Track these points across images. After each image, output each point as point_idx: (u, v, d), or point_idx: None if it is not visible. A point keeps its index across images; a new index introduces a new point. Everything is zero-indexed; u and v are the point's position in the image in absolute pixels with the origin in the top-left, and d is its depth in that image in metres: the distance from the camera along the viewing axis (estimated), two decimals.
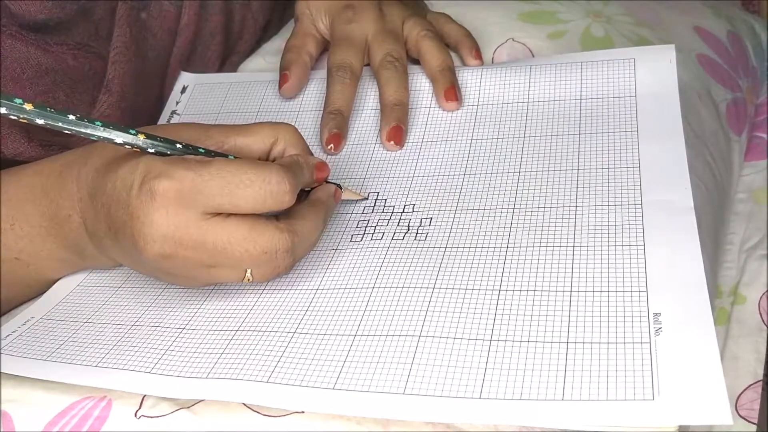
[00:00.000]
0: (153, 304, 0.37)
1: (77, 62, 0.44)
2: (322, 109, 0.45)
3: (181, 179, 0.30)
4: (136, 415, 0.32)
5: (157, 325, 0.35)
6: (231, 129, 0.35)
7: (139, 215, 0.31)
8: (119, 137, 0.31)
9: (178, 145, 0.33)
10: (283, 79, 0.47)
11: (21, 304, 0.41)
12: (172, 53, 0.52)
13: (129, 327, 0.36)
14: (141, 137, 0.32)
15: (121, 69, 0.46)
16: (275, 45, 0.55)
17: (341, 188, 0.38)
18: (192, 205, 0.31)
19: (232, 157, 0.34)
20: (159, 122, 0.50)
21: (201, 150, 0.33)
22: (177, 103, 0.50)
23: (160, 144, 0.32)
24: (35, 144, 0.43)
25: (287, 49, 0.48)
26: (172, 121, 0.50)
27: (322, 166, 0.36)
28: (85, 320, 0.37)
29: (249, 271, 0.33)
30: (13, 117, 0.29)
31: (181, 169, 0.31)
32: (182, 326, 0.35)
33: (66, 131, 0.30)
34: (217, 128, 0.35)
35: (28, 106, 0.29)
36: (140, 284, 0.39)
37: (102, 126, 0.31)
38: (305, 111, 0.47)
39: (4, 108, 0.29)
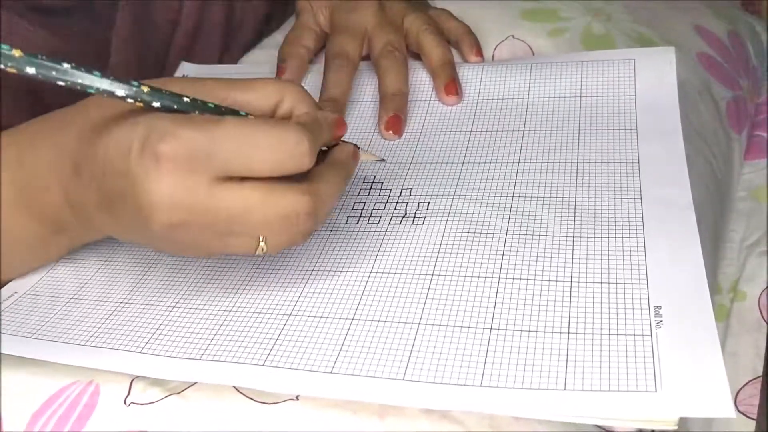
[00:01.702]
0: (141, 280, 0.36)
1: (81, 47, 0.44)
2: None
3: (189, 140, 0.27)
4: (125, 402, 0.31)
5: (146, 303, 0.35)
6: (231, 84, 0.31)
7: (143, 182, 0.28)
8: (120, 89, 0.28)
9: (186, 99, 0.29)
10: (279, 71, 0.47)
11: None
12: (173, 44, 0.52)
13: (117, 304, 0.35)
14: (145, 89, 0.28)
15: (124, 57, 0.46)
16: (276, 39, 0.55)
17: (358, 148, 0.36)
18: (202, 169, 0.28)
19: (244, 114, 0.31)
20: None
21: (210, 105, 0.30)
22: None
23: (166, 97, 0.29)
24: None
25: (285, 41, 0.48)
26: None
27: (341, 122, 0.33)
28: (70, 296, 0.36)
29: (263, 239, 0.30)
30: None
31: (189, 130, 0.28)
32: (173, 304, 0.34)
33: (60, 82, 0.27)
34: (215, 82, 0.31)
35: (16, 53, 0.26)
36: (127, 258, 0.38)
37: (101, 76, 0.28)
38: None
39: None
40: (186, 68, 0.52)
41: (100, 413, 0.31)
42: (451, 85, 0.44)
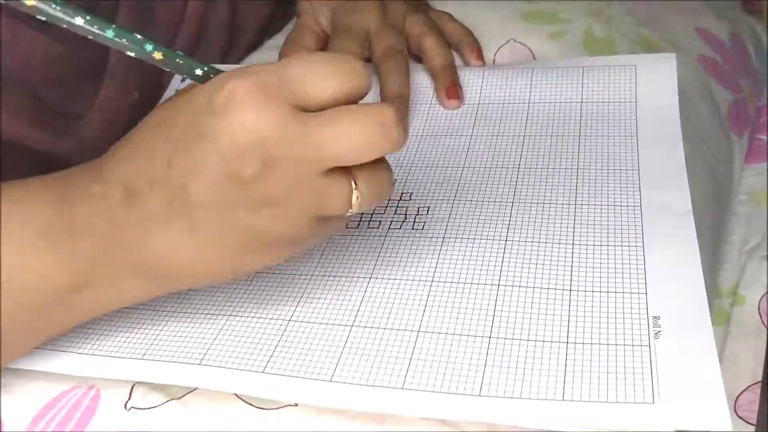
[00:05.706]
0: None
1: (81, 51, 0.43)
2: None
3: (258, 76, 0.26)
4: (125, 407, 0.31)
5: (147, 309, 0.35)
6: None
7: (216, 135, 0.25)
8: (198, 69, 0.28)
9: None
10: None
11: None
12: (175, 45, 0.52)
13: (119, 313, 0.35)
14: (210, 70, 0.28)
15: (123, 54, 0.46)
16: (278, 41, 0.54)
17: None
18: (279, 97, 0.26)
19: None
20: None
21: None
22: None
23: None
24: (42, 128, 0.41)
25: (287, 41, 0.49)
26: None
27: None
28: None
29: (356, 186, 0.27)
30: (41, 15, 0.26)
31: (258, 70, 0.26)
32: (173, 310, 0.34)
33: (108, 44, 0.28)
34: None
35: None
36: None
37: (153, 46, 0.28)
38: None
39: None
40: None
41: (101, 417, 0.31)
42: (452, 89, 0.44)
